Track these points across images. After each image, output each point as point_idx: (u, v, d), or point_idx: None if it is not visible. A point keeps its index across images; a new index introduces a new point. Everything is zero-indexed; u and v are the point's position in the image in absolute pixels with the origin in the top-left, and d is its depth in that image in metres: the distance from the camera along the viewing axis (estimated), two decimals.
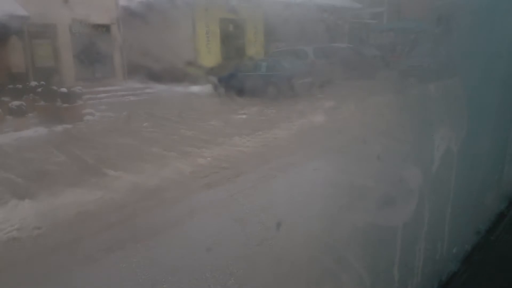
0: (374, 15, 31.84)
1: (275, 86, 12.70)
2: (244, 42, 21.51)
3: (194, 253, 3.60)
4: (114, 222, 4.36)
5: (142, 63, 21.09)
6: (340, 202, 3.38)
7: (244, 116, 9.94)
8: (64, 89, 10.53)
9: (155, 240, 3.91)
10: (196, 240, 3.86)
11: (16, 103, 9.57)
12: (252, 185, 5.39)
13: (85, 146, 7.75)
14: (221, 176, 5.66)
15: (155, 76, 18.88)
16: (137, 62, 21.30)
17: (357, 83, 15.84)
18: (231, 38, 20.85)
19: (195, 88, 16.31)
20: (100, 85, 16.18)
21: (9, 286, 3.26)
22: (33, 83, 12.29)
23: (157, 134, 8.46)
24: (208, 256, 3.47)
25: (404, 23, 21.78)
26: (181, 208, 4.71)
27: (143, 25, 20.96)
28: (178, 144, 7.42)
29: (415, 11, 25.07)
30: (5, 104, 9.86)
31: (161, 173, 5.78)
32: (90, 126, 9.77)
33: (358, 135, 7.60)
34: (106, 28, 16.91)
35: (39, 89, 10.87)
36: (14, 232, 4.14)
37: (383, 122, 7.86)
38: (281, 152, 6.86)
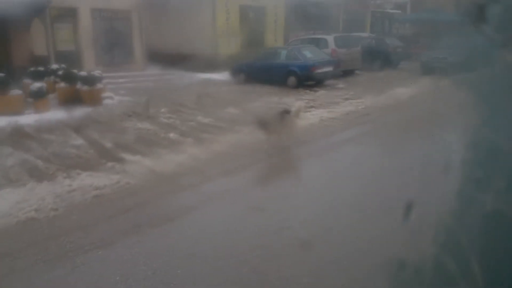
0: (397, 5, 31.12)
1: (295, 75, 12.53)
2: (264, 30, 21.27)
3: (205, 239, 3.56)
4: (130, 206, 4.36)
5: (161, 49, 21.14)
6: None
7: (260, 105, 9.83)
8: (84, 72, 10.56)
9: (170, 225, 3.89)
10: (204, 227, 3.83)
11: (37, 85, 9.65)
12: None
13: (103, 129, 7.79)
14: (237, 164, 5.60)
15: (174, 63, 18.88)
16: (156, 48, 21.35)
17: (378, 74, 15.54)
18: (251, 26, 20.63)
19: (213, 75, 16.25)
20: (119, 70, 16.25)
21: (26, 265, 3.29)
22: (55, 66, 12.40)
23: (174, 120, 8.45)
24: (220, 242, 3.43)
25: (428, 13, 21.16)
26: (195, 194, 4.68)
27: (163, 12, 20.95)
28: (193, 130, 7.38)
29: (439, 1, 24.37)
30: (27, 86, 9.98)
31: (177, 158, 5.75)
32: (109, 110, 9.81)
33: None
34: (126, 13, 16.92)
35: (60, 72, 10.93)
36: (32, 212, 4.17)
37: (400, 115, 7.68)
38: (296, 143, 6.76)
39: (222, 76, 15.68)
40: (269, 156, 5.91)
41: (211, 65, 17.80)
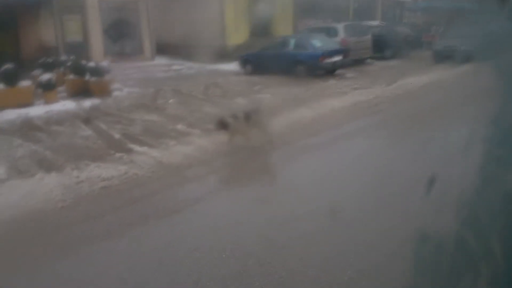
0: None
1: (303, 65, 12.39)
2: (273, 19, 21.05)
3: (211, 231, 3.55)
4: (138, 197, 4.36)
5: (170, 40, 21.07)
6: None
7: (268, 96, 9.74)
8: (92, 64, 10.56)
9: (176, 217, 3.88)
10: (211, 218, 3.81)
11: (46, 76, 9.68)
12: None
13: (112, 121, 7.80)
14: (243, 156, 5.56)
15: (183, 53, 18.83)
16: (165, 39, 21.29)
17: (389, 63, 15.30)
18: (259, 15, 20.42)
19: (222, 66, 16.17)
20: (128, 61, 16.27)
21: (34, 256, 3.30)
22: (64, 58, 12.44)
23: (182, 111, 8.42)
24: (226, 234, 3.42)
25: (440, 2, 20.73)
26: (202, 186, 4.66)
27: (172, 2, 20.82)
28: (200, 122, 7.34)
29: None
30: (36, 78, 10.02)
31: (185, 150, 5.73)
32: (118, 101, 9.82)
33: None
34: (134, 4, 16.86)
35: (69, 63, 10.95)
36: (40, 204, 4.20)
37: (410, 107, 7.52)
38: (304, 134, 6.69)
39: (230, 66, 15.59)
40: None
41: (219, 56, 17.72)
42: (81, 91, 10.45)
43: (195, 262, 3.06)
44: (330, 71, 12.64)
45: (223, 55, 17.75)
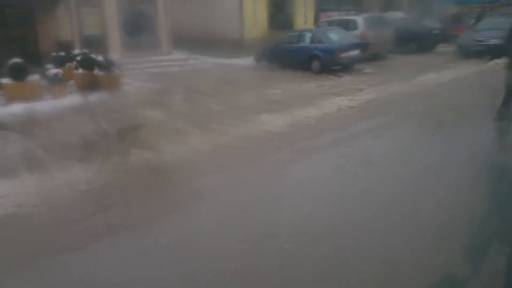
0: None
1: (319, 60, 11.91)
2: (294, 12, 20.53)
3: (187, 243, 3.25)
4: (114, 204, 4.11)
5: (188, 34, 20.92)
6: None
7: (278, 92, 9.36)
8: (101, 58, 10.45)
9: (149, 228, 3.60)
10: (188, 229, 3.52)
11: (53, 71, 9.64)
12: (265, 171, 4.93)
13: (113, 117, 7.58)
14: (238, 160, 5.23)
15: (201, 47, 18.62)
16: (184, 33, 21.15)
17: (412, 57, 14.56)
18: (279, 7, 19.95)
19: (238, 60, 15.84)
20: (145, 55, 16.18)
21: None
22: (77, 51, 12.42)
23: (187, 108, 8.15)
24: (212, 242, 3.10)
25: None
26: (185, 192, 4.37)
27: None
28: (203, 119, 7.04)
29: None
30: (45, 72, 10.00)
31: (177, 150, 5.46)
32: (125, 96, 9.68)
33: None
34: None
35: (79, 57, 10.87)
36: (14, 208, 4.01)
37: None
38: (308, 135, 6.29)
39: (246, 61, 15.23)
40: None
41: (237, 50, 17.40)
42: (90, 86, 10.38)
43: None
44: (348, 66, 12.11)
45: (241, 50, 17.43)
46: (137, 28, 16.76)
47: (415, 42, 15.31)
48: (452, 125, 6.11)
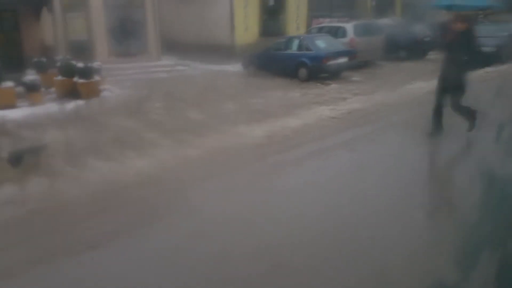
0: None
1: (306, 67, 11.66)
2: (286, 17, 20.33)
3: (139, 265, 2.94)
4: (56, 228, 3.78)
5: (181, 39, 20.66)
6: None
7: (261, 100, 9.09)
8: (80, 64, 10.16)
9: (90, 255, 3.30)
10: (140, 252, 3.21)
11: (30, 77, 9.35)
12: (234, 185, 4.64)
13: (84, 127, 7.33)
14: (202, 176, 4.93)
15: (193, 53, 18.34)
16: (177, 38, 20.89)
17: (403, 65, 14.31)
18: (271, 14, 19.75)
19: (228, 67, 15.57)
20: (133, 60, 15.92)
21: None
22: (59, 57, 12.13)
23: (163, 117, 7.88)
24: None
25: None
26: (141, 211, 4.07)
27: (183, 0, 20.40)
28: (178, 130, 6.76)
29: None
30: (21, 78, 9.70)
31: (141, 164, 5.16)
32: (102, 104, 9.40)
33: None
34: (141, 2, 16.46)
35: (58, 64, 10.58)
36: None
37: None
38: (283, 148, 6.01)
39: (236, 67, 14.97)
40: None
41: (228, 56, 17.14)
42: (70, 93, 10.10)
43: None
44: (335, 74, 11.85)
45: (232, 55, 17.17)
46: (125, 33, 16.49)
47: (405, 49, 15.08)
48: (433, 137, 5.83)
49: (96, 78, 10.39)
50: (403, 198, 3.99)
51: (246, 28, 18.93)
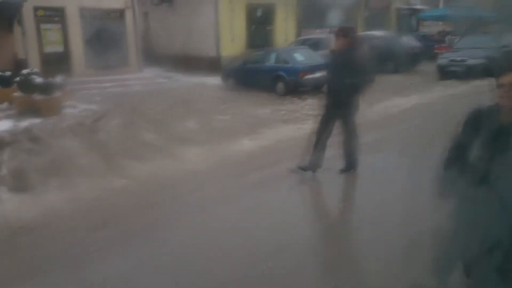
0: (427, 0, 28.78)
1: (283, 81, 11.06)
2: (274, 29, 19.85)
3: None
4: None
5: (164, 51, 20.18)
6: None
7: (227, 117, 8.47)
8: (39, 79, 9.58)
9: None
10: None
11: None
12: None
13: (26, 148, 6.70)
14: (118, 213, 4.27)
15: (179, 64, 17.80)
16: (159, 50, 20.40)
17: (388, 78, 13.60)
18: (258, 25, 19.26)
19: (211, 79, 14.99)
20: (112, 73, 15.42)
21: None
22: (25, 71, 11.57)
23: (113, 137, 7.24)
24: None
25: (456, 10, 18.91)
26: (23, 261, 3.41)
27: (161, 11, 19.95)
28: (120, 153, 6.12)
29: None
30: None
31: (54, 199, 4.51)
32: (59, 122, 8.77)
33: None
34: (120, 13, 15.99)
35: (17, 78, 10.00)
36: None
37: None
38: (226, 176, 5.35)
39: (218, 80, 14.39)
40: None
41: (213, 68, 16.59)
42: (29, 110, 9.51)
43: None
44: (315, 88, 11.22)
45: (217, 67, 16.63)
46: (104, 45, 15.97)
47: (393, 61, 14.46)
48: (387, 167, 5.14)
49: (58, 94, 9.80)
50: None
51: (232, 39, 18.45)
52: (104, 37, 15.91)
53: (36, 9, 14.20)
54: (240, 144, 6.38)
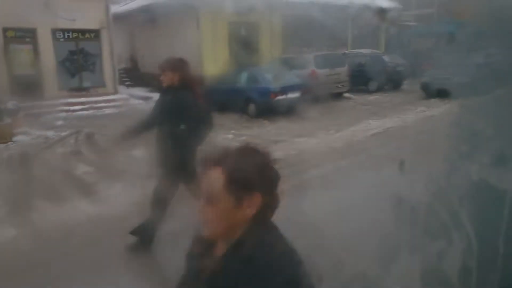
0: (421, 17, 28.34)
1: (254, 103, 10.38)
2: (258, 48, 19.29)
3: None
4: None
5: (148, 71, 19.63)
6: None
7: None
8: None
9: None
10: None
11: None
12: None
13: None
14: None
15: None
16: (147, 69, 19.86)
17: (371, 97, 12.97)
18: (242, 44, 18.72)
19: None
20: (85, 95, 14.85)
21: None
22: None
23: (49, 170, 6.52)
24: None
25: (439, 26, 18.34)
26: None
27: (146, 31, 19.49)
28: (42, 193, 5.35)
29: (469, 11, 21.23)
30: None
31: None
32: (3, 152, 8.08)
33: None
34: (95, 33, 15.47)
35: None
36: None
37: None
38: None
39: None
40: None
41: None
42: None
43: None
44: (289, 110, 10.53)
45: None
46: (78, 67, 15.48)
47: (376, 80, 13.82)
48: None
49: (8, 120, 9.15)
50: None
51: (215, 59, 17.89)
52: (78, 58, 15.42)
53: (5, 30, 13.69)
54: None
